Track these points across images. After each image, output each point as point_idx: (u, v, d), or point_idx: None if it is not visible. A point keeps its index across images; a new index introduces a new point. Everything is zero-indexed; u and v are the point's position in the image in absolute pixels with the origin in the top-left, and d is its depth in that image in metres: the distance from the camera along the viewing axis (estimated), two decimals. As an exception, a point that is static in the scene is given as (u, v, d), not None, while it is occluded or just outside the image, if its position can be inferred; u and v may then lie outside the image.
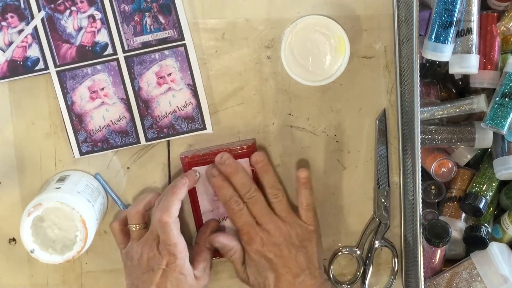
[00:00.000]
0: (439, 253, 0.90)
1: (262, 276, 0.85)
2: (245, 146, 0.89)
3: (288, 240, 0.85)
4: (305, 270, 0.84)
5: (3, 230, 0.92)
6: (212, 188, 0.89)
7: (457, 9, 0.82)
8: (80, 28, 0.88)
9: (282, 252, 0.84)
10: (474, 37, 0.83)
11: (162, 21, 0.88)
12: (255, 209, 0.86)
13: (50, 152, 0.91)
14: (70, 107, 0.89)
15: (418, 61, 0.81)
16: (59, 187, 0.86)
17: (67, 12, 0.88)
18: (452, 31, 0.82)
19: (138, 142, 0.90)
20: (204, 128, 0.90)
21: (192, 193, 0.90)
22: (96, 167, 0.91)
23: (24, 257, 0.92)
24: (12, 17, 0.87)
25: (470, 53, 0.83)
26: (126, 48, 0.88)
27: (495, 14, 0.85)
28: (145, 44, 0.89)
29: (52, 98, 0.90)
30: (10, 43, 0.88)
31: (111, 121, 0.90)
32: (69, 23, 0.88)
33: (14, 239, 0.92)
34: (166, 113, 0.90)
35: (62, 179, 0.88)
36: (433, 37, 0.82)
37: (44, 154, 0.91)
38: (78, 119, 0.90)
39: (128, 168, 0.92)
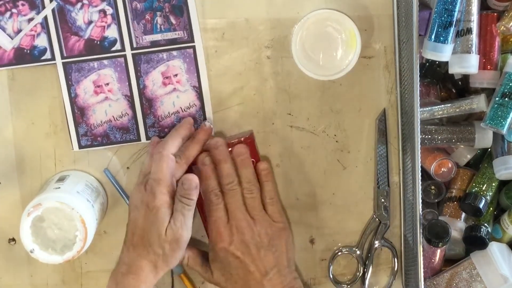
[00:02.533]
0: (439, 253, 0.90)
1: (227, 273, 0.84)
2: (242, 138, 0.89)
3: (256, 239, 0.84)
4: (273, 269, 0.84)
5: (3, 230, 0.92)
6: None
7: (457, 9, 0.82)
8: (90, 22, 0.88)
9: (250, 251, 0.83)
10: (474, 37, 0.83)
11: (173, 21, 0.88)
12: (231, 202, 0.85)
13: (50, 152, 0.91)
14: (73, 99, 0.89)
15: (418, 61, 0.81)
16: (59, 187, 0.86)
17: (79, 4, 0.88)
18: (452, 31, 0.82)
19: (139, 139, 0.90)
20: (206, 130, 0.91)
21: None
22: (96, 167, 0.91)
23: (24, 257, 0.92)
24: (23, 5, 0.87)
25: (470, 53, 0.83)
26: (134, 45, 0.88)
27: (495, 14, 0.85)
28: (154, 43, 0.89)
29: (52, 97, 0.90)
30: (19, 31, 0.88)
31: (113, 116, 0.90)
32: (80, 16, 0.88)
33: (13, 239, 0.92)
34: (169, 113, 0.90)
35: (61, 179, 0.88)
36: (433, 37, 0.83)
37: (44, 154, 0.91)
38: (80, 112, 0.90)
39: (128, 168, 0.92)
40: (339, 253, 0.92)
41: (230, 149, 0.89)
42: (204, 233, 0.91)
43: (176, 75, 0.89)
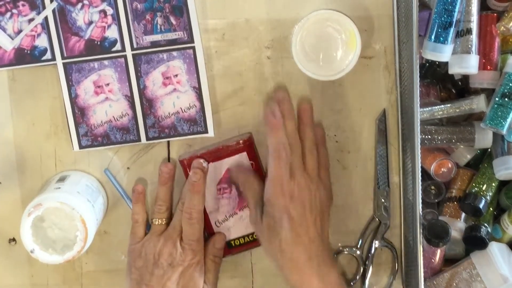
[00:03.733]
0: (439, 253, 0.90)
1: (276, 231, 0.81)
2: (241, 141, 0.89)
3: (312, 202, 0.83)
4: (320, 235, 0.82)
5: (3, 230, 0.92)
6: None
7: (456, 9, 0.82)
8: (90, 22, 0.88)
9: (305, 212, 0.81)
10: (474, 37, 0.83)
11: (173, 22, 0.88)
12: (294, 160, 0.83)
13: (50, 152, 0.91)
14: (73, 100, 0.89)
15: (418, 61, 0.81)
16: (59, 187, 0.86)
17: (79, 5, 0.88)
18: (452, 31, 0.82)
19: (139, 140, 0.90)
20: (206, 131, 0.90)
21: None
22: (96, 167, 0.91)
23: (24, 257, 0.92)
24: (23, 5, 0.88)
25: (470, 53, 0.83)
26: (135, 46, 0.89)
27: (495, 14, 0.85)
28: (154, 44, 0.89)
29: (52, 98, 0.90)
30: (19, 31, 0.88)
31: (113, 117, 0.90)
32: (80, 16, 0.88)
33: (14, 239, 0.92)
34: (169, 113, 0.90)
35: (62, 179, 0.88)
36: (432, 37, 0.83)
37: (44, 154, 0.91)
38: (80, 112, 0.90)
39: (128, 168, 0.92)
40: (339, 253, 0.92)
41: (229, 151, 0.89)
42: None
43: (176, 75, 0.89)
